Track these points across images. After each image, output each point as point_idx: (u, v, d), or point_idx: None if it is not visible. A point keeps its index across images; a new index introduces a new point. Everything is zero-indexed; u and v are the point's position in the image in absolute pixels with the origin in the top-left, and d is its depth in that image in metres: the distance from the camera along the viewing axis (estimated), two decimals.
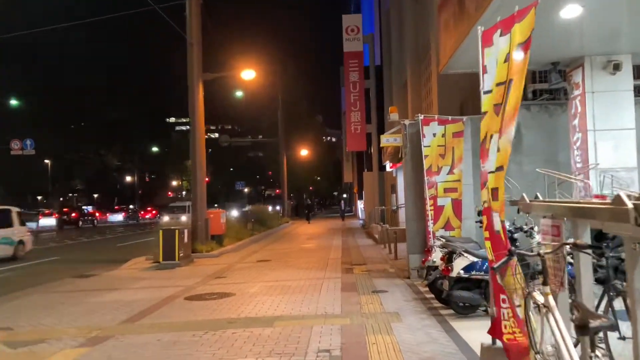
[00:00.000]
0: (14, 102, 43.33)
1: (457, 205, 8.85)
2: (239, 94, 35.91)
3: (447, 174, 8.88)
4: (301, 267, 11.31)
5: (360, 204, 38.20)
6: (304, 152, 40.25)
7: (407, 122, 9.02)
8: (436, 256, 6.88)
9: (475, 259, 5.85)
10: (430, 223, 8.76)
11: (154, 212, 52.00)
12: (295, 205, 49.50)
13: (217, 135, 62.38)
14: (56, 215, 39.21)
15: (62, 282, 10.60)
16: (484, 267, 5.77)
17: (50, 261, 15.24)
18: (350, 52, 24.93)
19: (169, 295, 8.29)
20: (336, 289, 8.18)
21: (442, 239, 7.90)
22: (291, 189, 58.57)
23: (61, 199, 71.59)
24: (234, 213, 30.28)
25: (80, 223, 38.19)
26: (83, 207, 48.61)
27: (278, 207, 40.30)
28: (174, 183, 72.57)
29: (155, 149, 62.50)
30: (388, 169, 20.26)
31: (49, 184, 54.27)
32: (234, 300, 7.62)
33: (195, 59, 14.89)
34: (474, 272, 5.78)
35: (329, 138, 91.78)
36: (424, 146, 8.83)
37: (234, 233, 17.96)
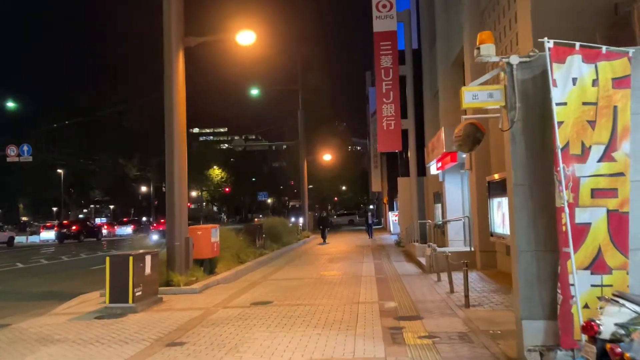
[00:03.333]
0: (20, 106, 40.69)
1: (618, 223, 4.38)
2: (254, 92, 32.10)
3: (600, 161, 4.42)
4: (315, 321, 6.96)
5: (391, 216, 33.54)
6: (327, 157, 36.05)
7: (515, 59, 4.62)
8: None
9: None
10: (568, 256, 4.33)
11: None
12: (318, 218, 45.17)
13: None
14: (57, 228, 35.83)
15: None
16: None
17: None
18: (381, 32, 20.53)
19: None
20: None
21: (622, 301, 3.54)
22: (315, 199, 54.35)
23: (85, 210, 69.09)
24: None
25: (82, 237, 34.56)
26: (88, 220, 45.30)
27: (301, 220, 36.07)
28: (194, 194, 69.52)
29: None
30: (434, 171, 15.69)
31: (63, 195, 51.73)
32: None
33: (173, 17, 10.80)
34: None
35: (354, 147, 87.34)
36: (557, 104, 4.42)
37: (234, 254, 13.72)
